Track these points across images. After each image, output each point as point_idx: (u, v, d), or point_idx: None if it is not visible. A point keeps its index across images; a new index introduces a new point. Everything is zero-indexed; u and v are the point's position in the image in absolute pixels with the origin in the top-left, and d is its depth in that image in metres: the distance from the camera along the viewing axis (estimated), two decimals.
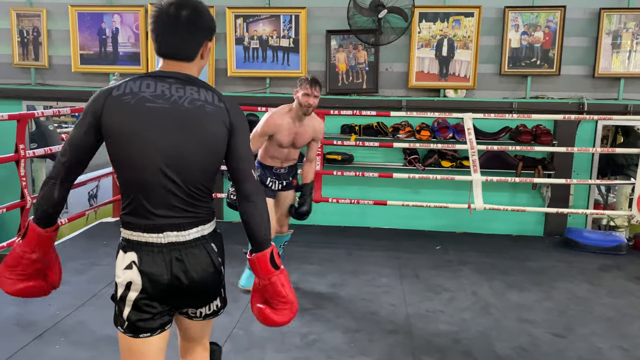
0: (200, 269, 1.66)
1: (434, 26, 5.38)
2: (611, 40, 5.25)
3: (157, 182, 1.60)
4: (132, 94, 1.60)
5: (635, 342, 3.10)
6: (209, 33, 1.67)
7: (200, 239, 1.67)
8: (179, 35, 1.61)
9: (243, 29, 5.56)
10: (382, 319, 3.32)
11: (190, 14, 1.60)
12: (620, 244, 4.74)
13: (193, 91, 1.63)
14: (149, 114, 1.58)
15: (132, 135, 1.58)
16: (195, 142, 1.61)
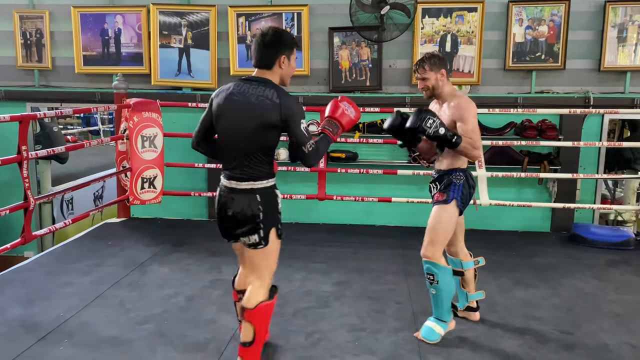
0: (240, 208, 2.42)
1: (437, 22, 5.34)
2: (617, 33, 5.20)
3: (228, 147, 2.44)
4: (227, 90, 2.46)
5: None
6: (283, 49, 2.42)
7: (249, 190, 2.42)
8: (259, 52, 2.43)
9: (245, 28, 5.55)
10: (387, 317, 3.30)
11: (268, 38, 2.41)
12: (628, 239, 4.69)
13: (262, 90, 2.38)
14: (230, 104, 2.43)
15: (219, 117, 2.46)
16: (251, 124, 2.36)
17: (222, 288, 3.76)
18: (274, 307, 2.61)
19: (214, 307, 3.46)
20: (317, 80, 5.59)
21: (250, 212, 2.41)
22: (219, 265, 4.18)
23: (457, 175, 3.02)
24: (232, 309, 3.40)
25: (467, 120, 2.92)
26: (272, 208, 2.47)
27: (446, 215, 2.98)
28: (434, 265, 2.97)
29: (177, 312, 3.38)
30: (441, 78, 2.97)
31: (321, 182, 4.93)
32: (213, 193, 5.35)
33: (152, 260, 4.29)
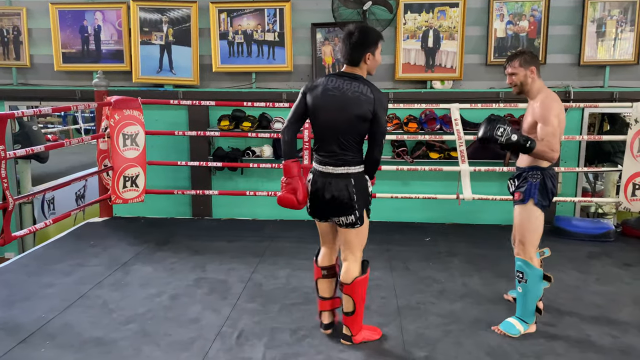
0: (337, 191, 2.69)
1: (419, 17, 5.35)
2: (596, 28, 5.25)
3: (325, 136, 2.71)
4: (322, 85, 2.70)
5: (624, 328, 3.12)
6: (368, 47, 2.65)
7: (344, 174, 2.70)
8: (348, 49, 2.66)
9: (227, 24, 5.50)
10: (372, 313, 3.30)
11: (355, 36, 2.64)
12: (609, 231, 4.76)
13: (356, 85, 2.65)
14: (327, 98, 2.67)
15: (317, 110, 2.71)
16: (347, 116, 2.64)
17: (206, 287, 3.74)
18: (260, 309, 2.62)
19: (198, 305, 3.44)
20: (300, 77, 5.57)
21: (347, 195, 2.69)
22: (203, 264, 4.16)
23: (534, 174, 3.01)
24: (217, 307, 3.41)
25: (547, 121, 2.90)
26: (364, 191, 2.75)
27: (527, 215, 3.02)
28: (525, 264, 3.01)
29: (161, 312, 3.35)
30: (531, 75, 2.99)
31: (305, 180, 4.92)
32: (197, 191, 5.35)
33: (136, 260, 4.25)
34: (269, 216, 5.49)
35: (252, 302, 3.50)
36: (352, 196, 2.70)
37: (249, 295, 3.60)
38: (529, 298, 3.03)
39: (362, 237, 2.86)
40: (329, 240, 3.00)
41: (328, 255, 3.03)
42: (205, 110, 5.54)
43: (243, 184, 5.60)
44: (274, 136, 5.26)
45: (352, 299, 2.83)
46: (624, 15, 5.22)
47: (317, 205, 2.82)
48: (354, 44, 2.64)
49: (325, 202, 2.75)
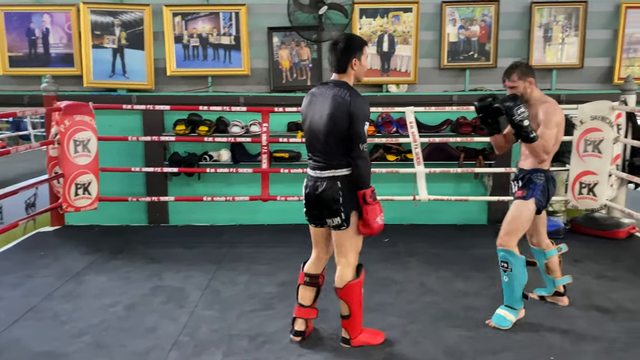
0: (324, 193, 2.75)
1: (374, 22, 5.43)
2: (543, 33, 5.46)
3: (313, 141, 2.80)
4: (310, 94, 2.86)
5: (573, 322, 3.23)
6: (354, 53, 2.73)
7: (331, 177, 2.75)
8: (334, 57, 2.76)
9: (182, 27, 5.43)
10: (331, 316, 3.30)
11: (340, 44, 2.74)
12: (558, 229, 4.94)
13: (337, 90, 2.72)
14: (311, 104, 2.81)
15: (305, 116, 2.85)
16: (327, 119, 2.70)
17: (163, 295, 3.66)
18: (218, 316, 2.56)
19: (155, 315, 3.37)
20: (257, 80, 5.55)
21: (332, 197, 2.74)
22: (159, 272, 4.07)
23: (538, 175, 3.22)
24: (174, 315, 3.35)
25: (549, 125, 3.10)
26: (351, 193, 2.75)
27: (524, 210, 3.20)
28: (509, 253, 3.18)
29: (116, 322, 3.26)
30: (529, 85, 3.16)
31: (264, 183, 4.90)
32: (152, 198, 5.23)
33: (89, 270, 4.12)
34: (227, 221, 5.44)
35: (210, 309, 3.45)
36: (337, 198, 2.74)
37: (207, 303, 3.54)
38: (515, 285, 3.19)
39: (354, 241, 2.86)
40: (319, 247, 3.02)
41: (315, 263, 3.04)
42: (160, 115, 5.43)
43: (201, 189, 5.52)
44: (231, 140, 5.21)
45: (347, 302, 2.88)
46: (569, 20, 5.45)
47: (309, 207, 2.89)
48: (340, 51, 2.73)
49: (314, 204, 2.82)
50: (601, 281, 3.90)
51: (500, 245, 3.22)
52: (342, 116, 2.65)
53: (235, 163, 5.37)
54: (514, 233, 3.20)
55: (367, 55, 2.82)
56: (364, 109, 2.70)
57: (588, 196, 4.90)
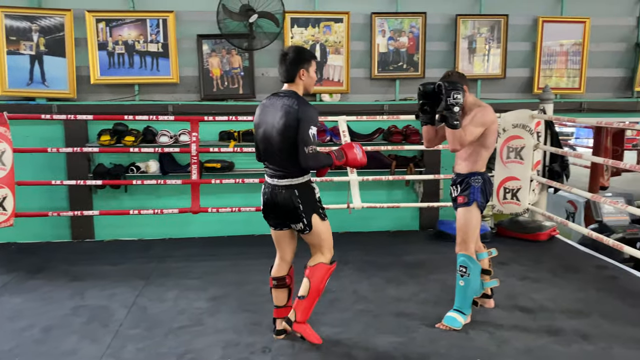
0: (284, 201, 2.89)
1: (305, 31, 5.44)
2: (467, 44, 5.68)
3: (267, 150, 2.91)
4: (262, 105, 2.94)
5: (499, 323, 3.33)
6: (302, 64, 2.87)
7: (288, 186, 2.88)
8: (284, 68, 2.88)
9: (106, 34, 5.21)
10: (264, 329, 3.25)
11: (290, 55, 2.86)
12: (485, 233, 5.10)
13: (286, 99, 2.83)
14: (263, 114, 2.91)
15: (257, 127, 2.95)
16: (277, 128, 2.81)
17: (85, 315, 3.47)
18: (145, 335, 2.44)
19: (75, 336, 3.18)
20: (187, 89, 5.41)
21: (292, 205, 2.88)
22: (82, 291, 3.86)
23: (475, 178, 3.31)
24: (96, 336, 3.18)
25: (474, 122, 3.21)
26: (310, 199, 2.92)
27: (471, 216, 3.31)
28: (469, 259, 3.28)
29: (32, 346, 3.05)
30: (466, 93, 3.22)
31: (194, 195, 4.76)
32: (75, 212, 4.96)
33: (3, 290, 3.84)
34: (156, 235, 5.25)
35: (136, 327, 3.29)
36: (297, 205, 2.88)
37: (133, 321, 3.38)
38: (468, 291, 3.29)
39: (324, 238, 3.02)
40: (281, 250, 3.13)
41: (280, 266, 3.15)
42: (83, 125, 5.19)
43: (128, 202, 5.30)
44: (159, 150, 5.04)
45: (309, 282, 2.99)
46: (492, 33, 5.70)
47: (269, 213, 3.02)
48: (289, 62, 2.85)
49: (275, 211, 2.96)
50: (525, 282, 4.06)
51: (460, 252, 3.32)
52: (292, 124, 2.76)
53: (164, 174, 5.20)
54: (469, 239, 3.30)
55: (316, 68, 2.95)
56: (310, 114, 2.80)
57: (512, 201, 5.12)
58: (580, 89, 5.89)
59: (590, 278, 4.13)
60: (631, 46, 5.99)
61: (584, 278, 4.12)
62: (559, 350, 3.00)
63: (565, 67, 5.83)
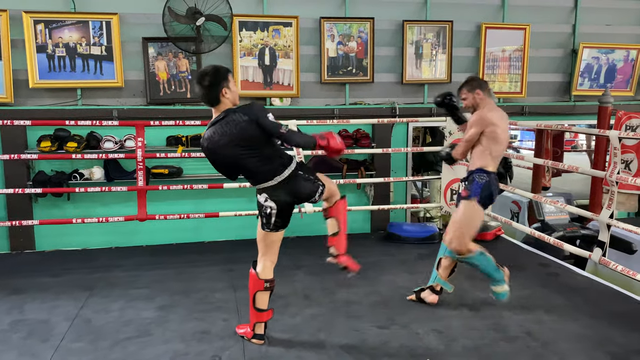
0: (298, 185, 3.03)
1: (254, 35, 5.40)
2: (414, 50, 5.79)
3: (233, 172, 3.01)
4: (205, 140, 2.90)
5: (447, 323, 3.40)
6: (220, 83, 2.82)
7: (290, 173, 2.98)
8: (204, 93, 2.84)
9: (45, 36, 5.00)
10: (213, 337, 3.19)
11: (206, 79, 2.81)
12: (434, 234, 5.22)
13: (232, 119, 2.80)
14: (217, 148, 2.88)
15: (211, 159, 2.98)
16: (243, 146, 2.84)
17: (24, 330, 3.30)
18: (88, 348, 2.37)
19: (13, 353, 3.02)
20: (132, 92, 5.26)
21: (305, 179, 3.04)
22: (21, 304, 3.68)
23: (480, 174, 3.41)
24: (36, 351, 3.04)
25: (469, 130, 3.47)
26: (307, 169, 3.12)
27: (468, 210, 3.38)
28: (468, 258, 3.45)
29: None
30: (477, 96, 3.51)
31: (141, 202, 4.63)
32: (13, 222, 4.72)
33: None
34: (102, 244, 5.07)
35: (79, 341, 3.16)
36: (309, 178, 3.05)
37: (76, 334, 3.25)
38: (489, 268, 3.47)
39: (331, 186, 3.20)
40: (274, 253, 3.19)
41: (270, 269, 3.16)
42: (21, 131, 4.95)
43: (71, 210, 5.10)
44: (104, 157, 4.87)
45: (337, 219, 3.22)
46: (437, 38, 5.84)
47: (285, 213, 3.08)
48: (207, 87, 2.82)
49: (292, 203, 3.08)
50: (472, 281, 4.15)
51: (455, 250, 3.46)
52: (253, 129, 2.80)
53: (109, 181, 5.03)
54: (464, 234, 3.40)
55: (234, 81, 2.98)
56: (257, 108, 2.86)
57: None
58: (521, 93, 6.12)
59: (533, 276, 4.28)
60: (568, 52, 6.28)
61: (528, 276, 4.27)
62: (505, 346, 3.08)
63: (508, 72, 6.04)
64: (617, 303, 3.70)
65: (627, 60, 6.36)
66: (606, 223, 3.97)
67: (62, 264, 4.61)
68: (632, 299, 3.77)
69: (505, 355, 2.97)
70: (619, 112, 5.52)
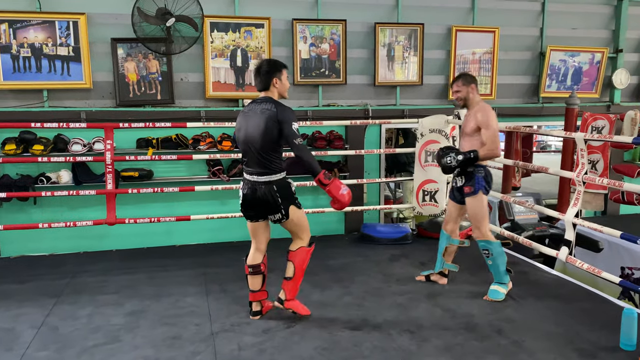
0: (263, 195, 3.25)
1: (226, 36, 5.36)
2: (386, 52, 5.83)
3: (247, 151, 3.29)
4: (242, 111, 3.37)
5: (419, 323, 3.42)
6: (274, 73, 3.28)
7: (267, 182, 3.25)
8: (259, 78, 3.30)
9: (9, 36, 4.87)
10: (184, 342, 3.14)
11: (263, 67, 3.29)
12: (407, 234, 5.26)
13: (264, 104, 3.24)
14: (243, 119, 3.32)
15: (238, 131, 3.34)
16: (258, 130, 3.20)
17: None
18: (54, 356, 2.27)
19: None
20: (101, 94, 5.16)
21: (271, 199, 3.26)
22: None
23: (478, 170, 3.73)
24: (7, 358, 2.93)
25: (489, 126, 3.66)
26: (286, 192, 3.31)
27: (478, 203, 3.73)
28: (487, 242, 3.75)
29: None
30: (471, 91, 3.74)
31: (110, 205, 4.54)
32: None
33: None
34: (69, 249, 4.96)
35: (45, 349, 3.08)
36: (276, 199, 3.26)
37: (42, 342, 3.16)
38: (499, 263, 3.76)
39: (299, 224, 3.40)
40: (257, 240, 3.47)
41: (254, 255, 3.48)
42: None
43: (37, 215, 4.96)
44: (72, 160, 4.75)
45: (293, 264, 3.40)
46: (409, 41, 5.88)
47: (247, 207, 3.35)
48: (263, 73, 3.27)
49: (254, 205, 3.31)
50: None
51: (478, 238, 3.78)
52: (273, 125, 3.16)
53: (77, 184, 4.92)
54: (482, 225, 3.75)
55: (287, 76, 3.34)
56: (288, 114, 3.21)
57: (430, 202, 5.30)
58: (491, 95, 6.21)
59: None
60: (536, 55, 6.41)
61: None
62: (476, 345, 3.12)
63: (478, 74, 6.12)
64: (584, 300, 3.78)
65: (592, 63, 6.53)
66: (572, 222, 4.05)
67: (28, 270, 4.48)
68: (598, 296, 3.86)
69: (476, 354, 3.01)
70: (585, 114, 5.65)
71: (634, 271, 4.55)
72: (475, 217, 3.75)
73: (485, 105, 3.76)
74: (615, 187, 3.94)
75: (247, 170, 3.32)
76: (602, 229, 3.80)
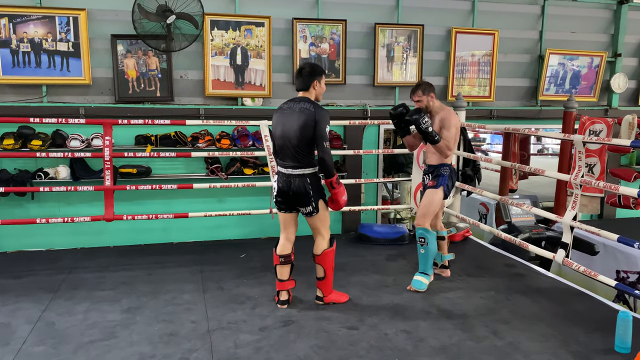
0: (297, 188, 3.47)
1: (226, 34, 5.36)
2: (386, 52, 5.84)
3: (284, 146, 3.48)
4: (280, 108, 3.55)
5: (415, 324, 3.43)
6: (314, 76, 3.51)
7: (302, 175, 3.47)
8: (300, 79, 3.52)
9: (9, 30, 4.86)
10: (181, 339, 3.15)
11: (305, 70, 3.52)
12: (404, 235, 5.27)
13: (303, 104, 3.43)
14: (282, 115, 3.50)
15: (276, 126, 3.54)
16: (295, 127, 3.40)
17: None
18: (51, 352, 2.27)
19: None
20: (100, 90, 5.16)
21: (304, 190, 3.46)
22: None
23: (444, 168, 4.04)
24: None
25: (449, 128, 3.95)
26: (318, 186, 3.52)
27: (434, 196, 4.00)
28: (425, 231, 3.97)
29: None
30: (431, 99, 4.01)
31: (108, 202, 4.53)
32: None
33: None
34: (67, 245, 4.96)
35: (42, 344, 3.08)
36: (308, 191, 3.47)
37: (38, 338, 3.16)
38: (429, 255, 4.02)
39: (324, 221, 3.61)
40: (287, 231, 3.69)
41: (285, 245, 3.68)
42: None
43: (35, 210, 4.96)
44: (70, 155, 4.75)
45: (322, 266, 3.63)
46: (409, 42, 5.90)
47: (282, 199, 3.55)
48: (305, 75, 3.49)
49: (288, 196, 3.51)
50: (440, 282, 4.21)
51: (418, 225, 3.98)
52: (309, 124, 3.37)
53: (75, 180, 4.92)
54: (428, 215, 3.98)
55: (325, 81, 3.57)
56: (325, 116, 3.41)
57: None
58: (490, 97, 6.23)
59: (500, 276, 4.36)
60: (535, 58, 6.43)
61: (494, 276, 4.35)
62: (472, 346, 3.13)
63: (477, 76, 6.15)
64: (580, 303, 3.80)
65: (591, 66, 6.55)
66: (569, 225, 4.07)
67: (25, 265, 4.48)
68: (594, 299, 3.88)
69: (472, 355, 3.02)
70: (583, 117, 5.68)
71: (629, 274, 4.58)
72: (427, 206, 3.98)
73: (450, 109, 4.05)
74: (612, 191, 3.96)
75: (282, 164, 3.52)
76: (600, 232, 3.82)
